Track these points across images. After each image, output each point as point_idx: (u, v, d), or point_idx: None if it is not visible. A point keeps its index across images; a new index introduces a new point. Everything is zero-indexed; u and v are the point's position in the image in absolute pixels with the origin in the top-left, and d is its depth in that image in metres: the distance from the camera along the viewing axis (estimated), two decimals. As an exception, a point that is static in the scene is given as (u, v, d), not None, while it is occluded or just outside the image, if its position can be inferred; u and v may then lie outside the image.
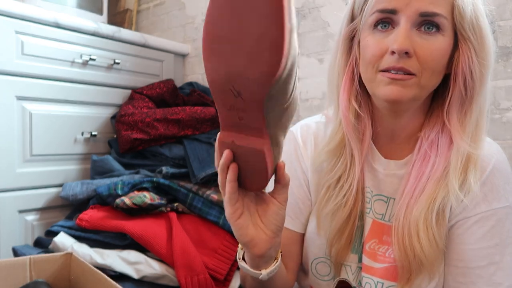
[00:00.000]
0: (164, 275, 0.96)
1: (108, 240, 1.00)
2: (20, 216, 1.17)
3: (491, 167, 0.59)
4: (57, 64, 1.24)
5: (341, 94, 0.64)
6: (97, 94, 1.35)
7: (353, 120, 0.63)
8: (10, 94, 1.14)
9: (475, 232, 0.58)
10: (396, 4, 0.55)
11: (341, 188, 0.64)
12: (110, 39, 1.38)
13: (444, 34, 0.55)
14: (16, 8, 1.14)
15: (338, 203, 0.64)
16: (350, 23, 0.63)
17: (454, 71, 0.58)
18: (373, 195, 0.66)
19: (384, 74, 0.56)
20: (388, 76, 0.55)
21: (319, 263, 0.69)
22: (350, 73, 0.64)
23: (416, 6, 0.54)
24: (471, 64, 0.56)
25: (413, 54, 0.54)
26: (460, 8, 0.54)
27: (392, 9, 0.55)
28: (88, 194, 1.15)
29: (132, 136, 1.24)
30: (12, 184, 1.15)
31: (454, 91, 0.58)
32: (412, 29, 0.55)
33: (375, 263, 0.64)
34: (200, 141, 1.25)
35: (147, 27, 1.86)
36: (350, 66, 0.64)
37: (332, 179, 0.65)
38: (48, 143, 1.23)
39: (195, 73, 1.66)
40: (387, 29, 0.57)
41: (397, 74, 0.55)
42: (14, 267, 0.74)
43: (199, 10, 1.64)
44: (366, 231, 0.65)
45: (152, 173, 1.20)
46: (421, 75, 0.55)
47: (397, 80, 0.55)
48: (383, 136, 0.66)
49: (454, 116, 0.59)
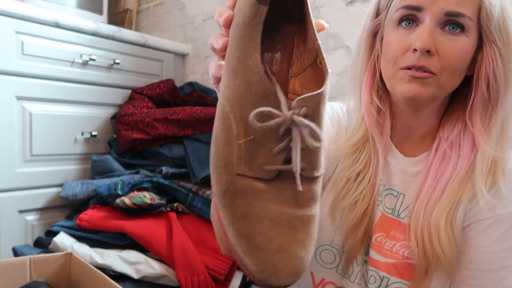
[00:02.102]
0: (164, 275, 0.96)
1: (108, 240, 1.00)
2: (20, 216, 1.17)
3: (509, 170, 0.58)
4: (57, 64, 1.24)
5: (363, 88, 0.64)
6: (97, 94, 1.35)
7: (375, 114, 0.63)
8: (10, 94, 1.14)
9: (490, 235, 0.58)
10: (422, 1, 0.54)
11: (360, 182, 0.64)
12: (110, 39, 1.38)
13: (468, 35, 0.54)
14: (16, 8, 1.14)
15: (356, 197, 0.64)
16: (374, 18, 0.63)
17: (476, 73, 0.57)
18: (384, 189, 0.66)
19: (405, 72, 0.56)
20: (410, 74, 0.55)
21: (324, 250, 0.68)
22: (372, 68, 0.64)
23: (442, 5, 0.53)
24: (495, 67, 0.55)
25: (435, 53, 0.54)
26: (488, 10, 0.53)
27: (417, 6, 0.54)
28: (88, 194, 1.15)
29: (132, 136, 1.24)
30: (12, 184, 1.15)
31: (477, 94, 0.57)
32: (436, 28, 0.54)
33: (381, 256, 0.63)
34: (200, 141, 1.25)
35: (147, 27, 1.86)
36: (372, 62, 0.64)
37: (353, 173, 0.65)
38: (48, 143, 1.23)
39: (195, 73, 1.66)
40: (411, 27, 0.56)
41: (417, 72, 0.55)
42: (14, 267, 0.74)
43: (199, 10, 1.64)
44: (374, 223, 0.65)
45: (152, 173, 1.20)
46: (441, 74, 0.55)
47: (417, 78, 0.55)
48: (399, 132, 0.66)
49: (477, 119, 0.58)
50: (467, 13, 0.53)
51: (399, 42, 0.57)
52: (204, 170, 1.12)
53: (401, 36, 0.57)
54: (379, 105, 0.63)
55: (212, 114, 1.28)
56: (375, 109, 0.63)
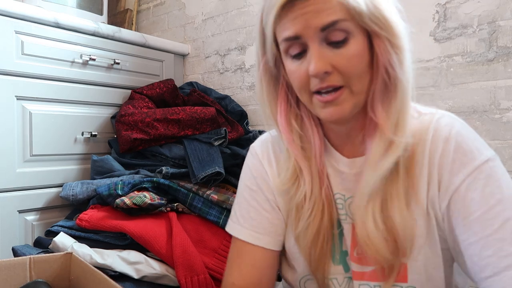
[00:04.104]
0: (164, 275, 0.96)
1: (108, 240, 1.00)
2: (20, 216, 1.17)
3: (454, 133, 0.57)
4: (57, 64, 1.24)
5: (279, 118, 0.64)
6: (97, 94, 1.35)
7: (298, 141, 0.63)
8: (10, 94, 1.14)
9: (471, 198, 0.54)
10: (296, 30, 0.54)
11: (307, 206, 0.64)
12: (110, 39, 1.38)
13: (354, 37, 0.54)
14: (16, 8, 1.14)
15: (307, 221, 0.63)
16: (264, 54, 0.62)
17: (375, 64, 0.57)
18: (346, 199, 0.65)
19: (317, 97, 0.57)
20: (321, 100, 0.56)
21: (307, 281, 0.68)
22: (284, 95, 0.64)
23: (314, 24, 0.53)
24: (387, 54, 0.55)
25: (333, 69, 0.54)
26: (354, 4, 0.52)
27: (294, 35, 0.55)
28: (88, 194, 1.15)
29: (132, 136, 1.24)
30: (12, 184, 1.15)
31: (377, 83, 0.57)
32: (321, 46, 0.54)
33: (363, 266, 0.62)
34: (200, 141, 1.25)
35: (147, 27, 1.86)
36: (282, 89, 0.64)
37: (299, 200, 0.65)
38: (48, 143, 1.23)
39: (195, 73, 1.66)
40: (301, 55, 0.57)
41: (327, 95, 0.56)
42: (14, 267, 0.74)
43: (199, 10, 1.64)
44: (348, 239, 0.64)
45: (152, 173, 1.20)
46: (349, 84, 0.55)
47: (330, 101, 0.56)
48: (338, 138, 0.66)
49: (378, 107, 0.58)
50: (339, 17, 0.52)
51: (298, 72, 0.57)
52: (204, 170, 1.12)
53: (297, 66, 0.57)
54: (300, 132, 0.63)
55: (212, 114, 1.28)
56: (297, 135, 0.63)
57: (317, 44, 0.54)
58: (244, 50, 1.49)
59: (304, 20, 0.53)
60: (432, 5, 1.06)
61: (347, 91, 0.56)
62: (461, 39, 1.02)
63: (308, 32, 0.54)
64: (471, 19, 1.00)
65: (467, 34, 1.01)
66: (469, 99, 1.01)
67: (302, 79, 0.57)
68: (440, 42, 1.05)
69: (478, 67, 0.99)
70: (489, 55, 0.98)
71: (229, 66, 1.54)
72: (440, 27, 1.05)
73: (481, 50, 0.99)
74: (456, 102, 1.03)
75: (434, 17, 1.06)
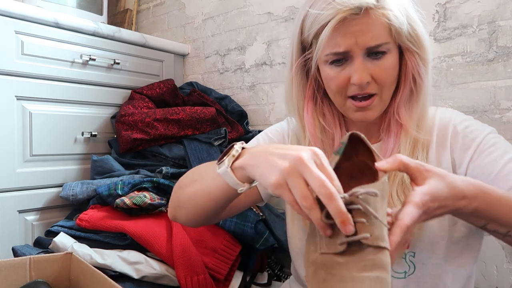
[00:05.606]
0: (164, 275, 0.96)
1: (108, 240, 1.00)
2: (20, 216, 1.17)
3: (452, 122, 0.67)
4: (57, 64, 1.24)
5: (305, 114, 0.71)
6: (97, 94, 1.35)
7: (320, 135, 0.71)
8: (10, 94, 1.14)
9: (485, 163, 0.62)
10: (346, 46, 0.61)
11: None
12: (110, 39, 1.38)
13: (390, 52, 0.63)
14: (16, 8, 1.14)
15: None
16: (301, 55, 0.69)
17: (404, 75, 0.66)
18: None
19: (351, 102, 0.65)
20: (356, 105, 0.64)
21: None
22: (311, 93, 0.71)
23: (362, 44, 0.61)
24: (417, 66, 0.65)
25: (372, 80, 0.63)
26: (397, 29, 0.61)
27: (344, 51, 0.62)
28: (88, 194, 1.15)
29: (132, 136, 1.24)
30: (12, 184, 1.15)
31: (405, 90, 0.66)
32: (364, 60, 0.62)
33: None
34: (200, 141, 1.25)
35: (147, 27, 1.86)
36: (310, 88, 0.71)
37: None
38: (48, 143, 1.23)
39: (195, 73, 1.66)
40: (342, 63, 0.64)
41: (362, 101, 0.64)
42: (14, 267, 0.74)
43: (199, 10, 1.64)
44: None
45: (152, 173, 1.20)
46: (381, 92, 0.64)
47: (363, 107, 0.64)
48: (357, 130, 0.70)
49: (402, 110, 0.67)
50: (383, 41, 0.61)
51: (337, 78, 0.64)
52: (204, 170, 1.12)
53: (336, 73, 0.64)
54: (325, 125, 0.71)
55: (212, 114, 1.28)
56: (319, 130, 0.71)
57: (361, 58, 0.62)
58: (244, 50, 1.49)
59: (354, 37, 0.60)
60: (432, 5, 1.06)
61: (378, 98, 0.64)
62: (461, 39, 1.02)
63: (356, 48, 0.61)
64: (471, 19, 1.00)
65: (467, 34, 1.01)
66: (469, 99, 1.01)
67: (340, 84, 0.64)
68: (440, 42, 1.05)
69: (478, 67, 0.99)
70: (489, 55, 0.98)
71: (229, 66, 1.54)
72: (440, 27, 1.05)
73: (481, 50, 0.99)
74: (456, 102, 1.03)
75: (434, 17, 1.06)
